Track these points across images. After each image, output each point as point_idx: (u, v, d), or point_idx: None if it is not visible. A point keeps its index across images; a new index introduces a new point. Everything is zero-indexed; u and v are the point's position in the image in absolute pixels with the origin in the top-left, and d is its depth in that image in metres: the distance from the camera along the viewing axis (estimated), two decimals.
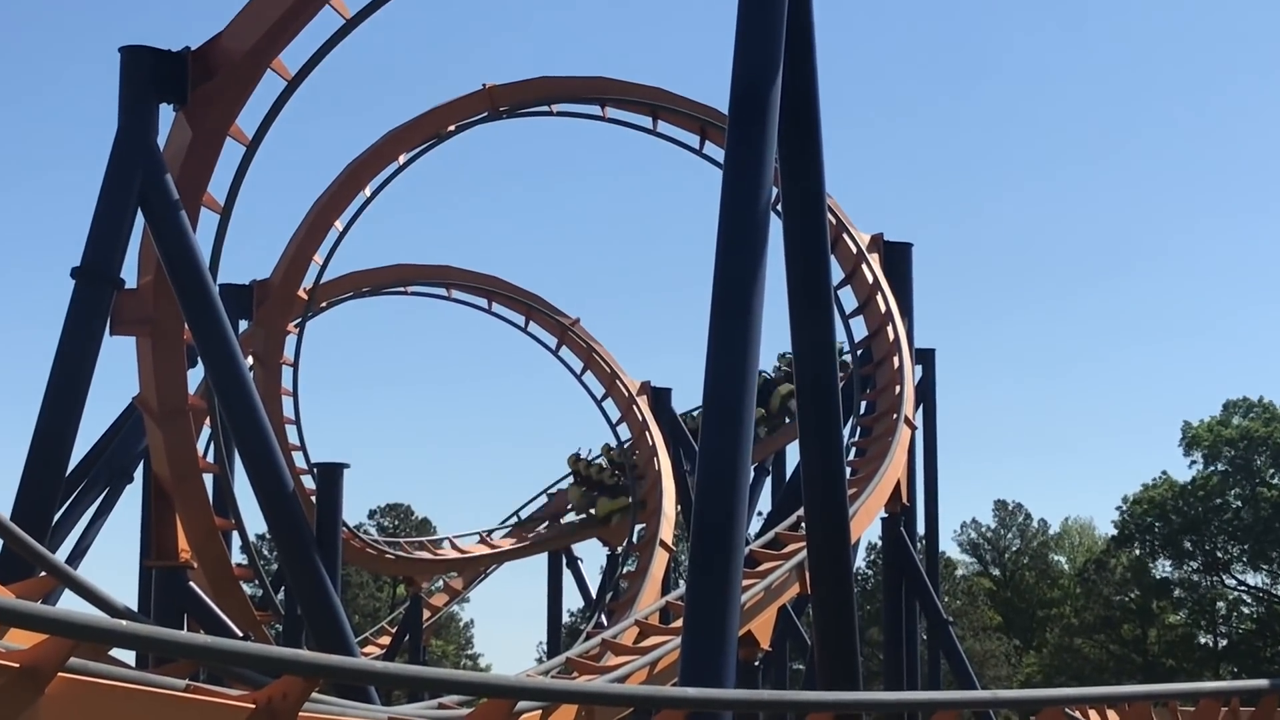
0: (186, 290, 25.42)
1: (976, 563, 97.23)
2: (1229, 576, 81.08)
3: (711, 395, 18.13)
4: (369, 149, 38.84)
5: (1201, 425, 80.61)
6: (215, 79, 25.87)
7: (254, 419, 25.99)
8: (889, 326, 38.13)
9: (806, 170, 21.88)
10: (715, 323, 18.10)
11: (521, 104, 39.76)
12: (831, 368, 22.89)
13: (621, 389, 50.01)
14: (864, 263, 39.21)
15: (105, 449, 38.65)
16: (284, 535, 27.04)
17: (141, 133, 25.37)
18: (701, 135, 40.20)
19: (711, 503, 17.67)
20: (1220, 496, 78.96)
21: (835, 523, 22.63)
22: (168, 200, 25.32)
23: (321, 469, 33.64)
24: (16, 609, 8.73)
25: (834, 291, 28.99)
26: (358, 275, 46.45)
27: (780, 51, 19.46)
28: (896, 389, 36.34)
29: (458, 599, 66.01)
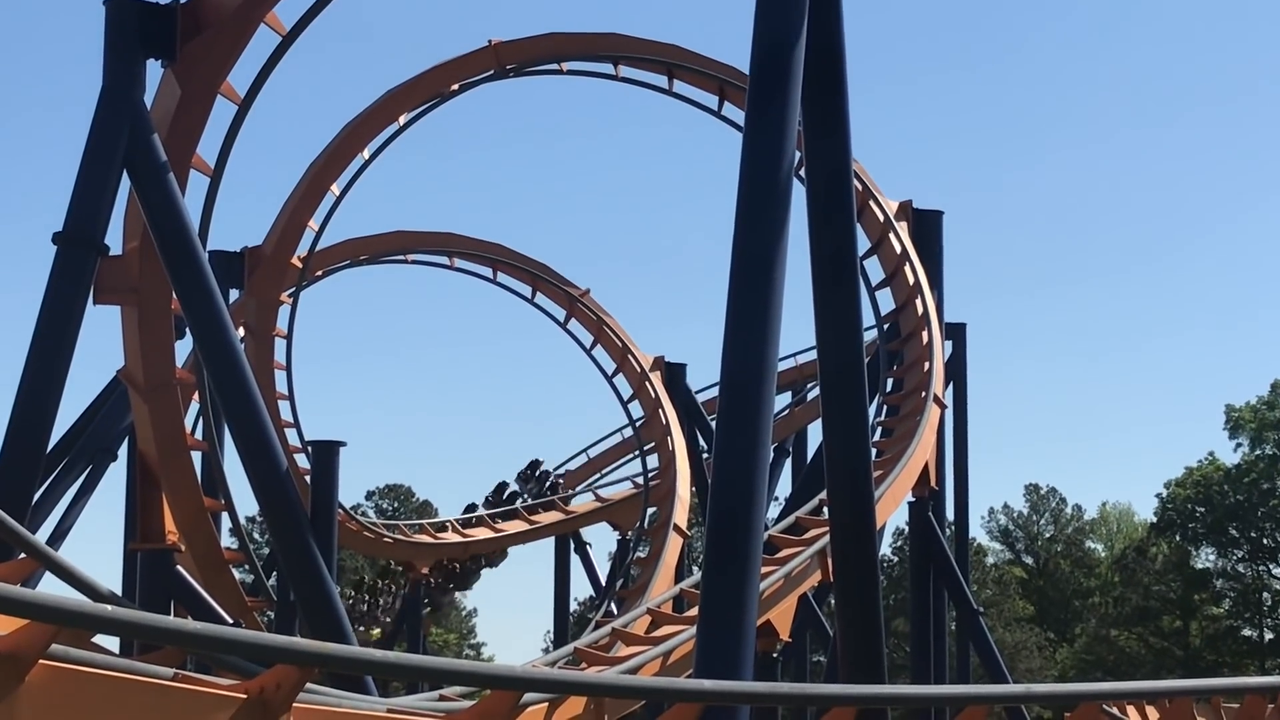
0: (174, 257, 25.45)
1: (1008, 550, 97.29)
2: (1276, 566, 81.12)
3: (730, 372, 18.16)
4: (367, 109, 38.85)
5: (1246, 407, 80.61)
6: (206, 33, 25.86)
7: (245, 394, 26.03)
8: (918, 299, 38.10)
9: (831, 134, 21.88)
10: (734, 295, 18.11)
11: (529, 62, 39.74)
12: (857, 343, 22.92)
13: (633, 364, 50.01)
14: (892, 232, 39.18)
15: (88, 425, 38.71)
16: (277, 517, 27.10)
17: (127, 90, 25.36)
18: (720, 96, 40.16)
19: (729, 485, 17.70)
20: (1267, 481, 79.02)
21: (860, 507, 22.66)
22: (155, 162, 25.32)
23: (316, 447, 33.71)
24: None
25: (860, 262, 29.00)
26: (355, 242, 46.45)
27: (805, 7, 19.45)
28: (925, 366, 36.33)
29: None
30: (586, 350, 50.86)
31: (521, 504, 47.29)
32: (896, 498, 33.04)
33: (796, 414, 51.56)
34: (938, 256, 39.81)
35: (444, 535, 55.26)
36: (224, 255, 36.96)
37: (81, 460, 38.95)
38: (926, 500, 36.67)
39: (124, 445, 36.36)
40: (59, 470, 37.77)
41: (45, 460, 28.04)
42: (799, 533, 30.61)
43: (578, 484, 57.94)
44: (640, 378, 49.77)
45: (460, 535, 54.98)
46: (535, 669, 18.53)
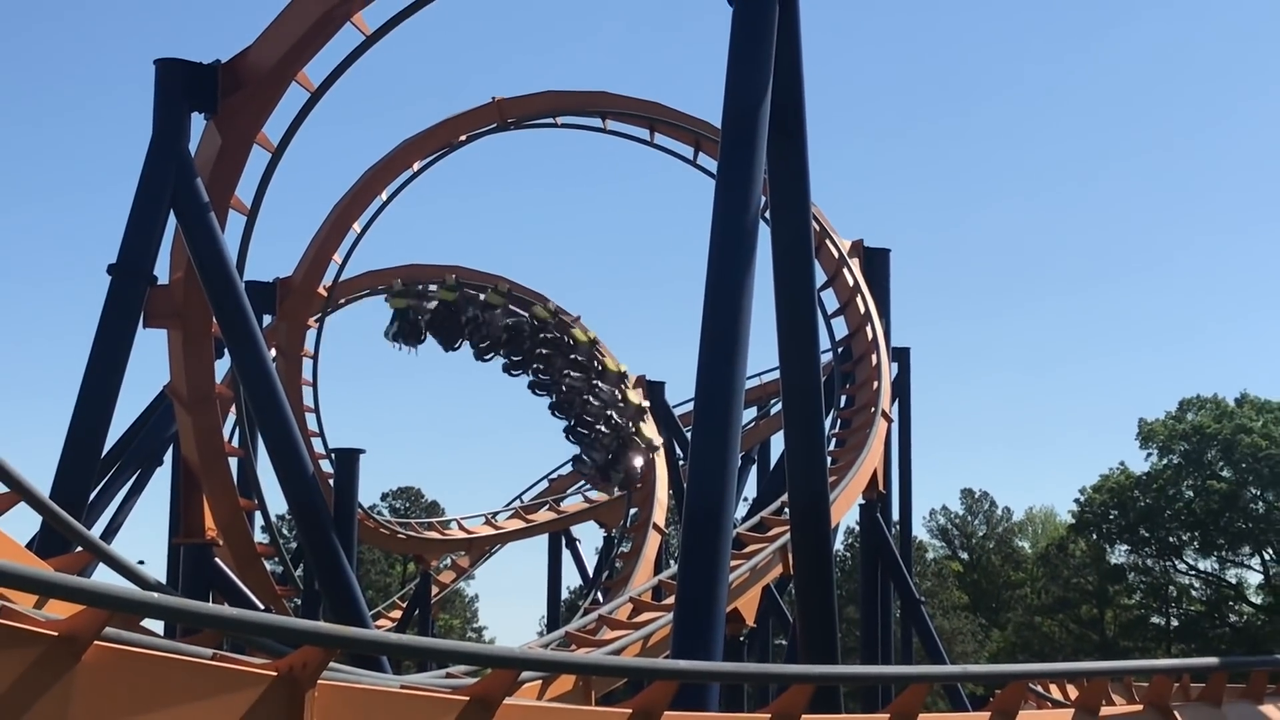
0: (215, 286, 25.44)
1: (946, 547, 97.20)
2: (1180, 562, 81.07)
3: (703, 388, 18.14)
4: (385, 156, 38.85)
5: (1157, 421, 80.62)
6: (243, 90, 25.88)
7: (276, 407, 26.01)
8: (868, 326, 38.13)
9: (793, 181, 21.89)
10: (707, 321, 18.10)
11: (528, 116, 39.78)
12: (815, 364, 22.90)
13: None
14: (845, 267, 39.19)
15: (137, 434, 38.64)
16: (303, 515, 27.07)
17: (174, 139, 25.39)
18: (696, 147, 40.18)
19: (702, 489, 17.68)
20: (1173, 487, 78.90)
21: (816, 508, 22.63)
22: (198, 202, 25.34)
23: (339, 454, 33.67)
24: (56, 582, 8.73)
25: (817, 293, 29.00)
26: (373, 274, 46.42)
27: (770, 71, 19.48)
28: (874, 385, 36.33)
29: (464, 576, 66.05)
30: None
31: None
32: (849, 500, 33.00)
33: (762, 426, 51.48)
34: (885, 289, 39.81)
35: (450, 532, 55.13)
36: (259, 285, 36.87)
37: (131, 465, 38.84)
38: (875, 503, 36.62)
39: (169, 452, 36.30)
40: (112, 474, 37.65)
41: (100, 465, 28.00)
42: (763, 531, 30.58)
43: (569, 488, 57.77)
44: None
45: (465, 532, 54.82)
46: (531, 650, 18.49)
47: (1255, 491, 77.52)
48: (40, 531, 21.62)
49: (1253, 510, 77.74)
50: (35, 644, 8.78)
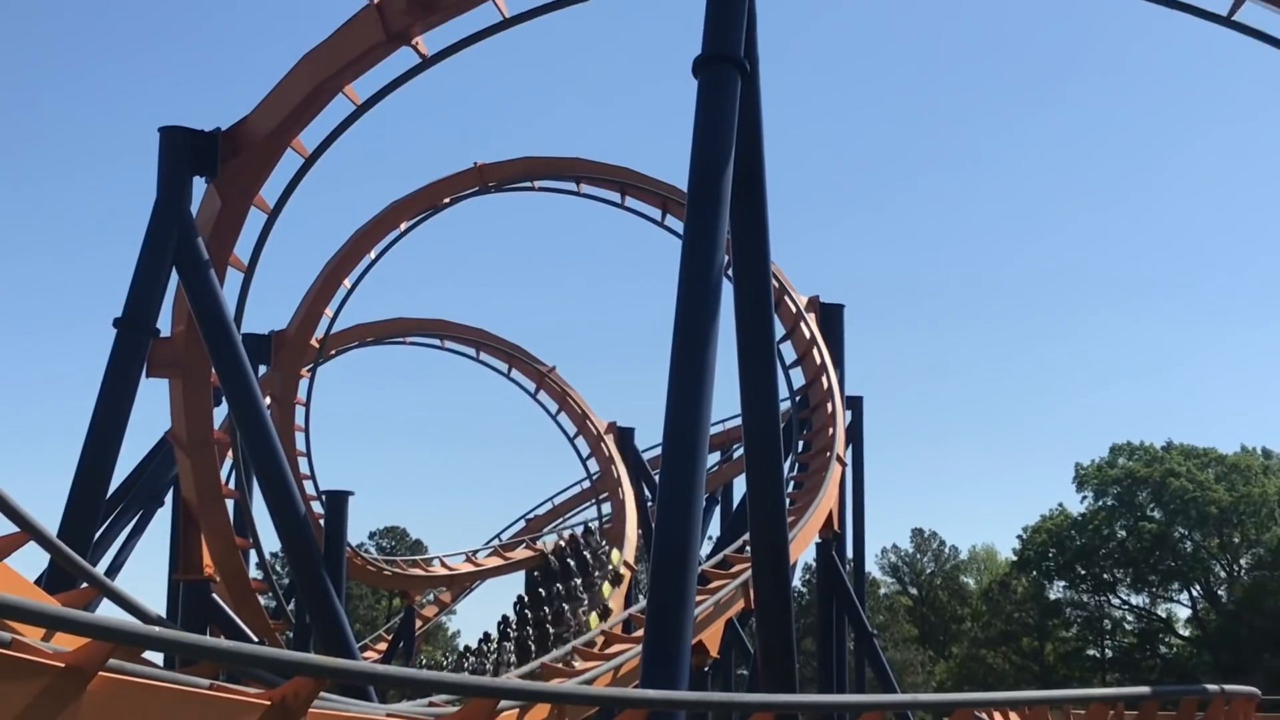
0: (214, 339, 25.35)
1: (896, 583, 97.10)
2: (1114, 597, 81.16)
3: (670, 434, 18.10)
4: (374, 217, 38.86)
5: (1091, 466, 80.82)
6: (242, 155, 25.88)
7: (271, 451, 25.88)
8: (823, 376, 38.15)
9: (754, 241, 21.95)
10: (674, 370, 18.07)
11: (508, 180, 39.82)
12: (774, 412, 22.92)
13: (591, 428, 49.97)
14: (802, 321, 39.26)
15: (140, 476, 38.48)
16: (296, 553, 26.90)
17: (177, 201, 25.33)
18: (663, 209, 40.28)
19: (669, 528, 17.60)
20: (1107, 528, 79.10)
21: (776, 547, 22.60)
22: (199, 260, 25.27)
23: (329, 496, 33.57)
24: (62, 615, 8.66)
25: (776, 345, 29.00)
26: (363, 327, 46.38)
27: (732, 138, 19.50)
28: (829, 431, 36.33)
29: (446, 610, 65.75)
30: (552, 416, 50.83)
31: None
32: (806, 539, 32.95)
33: (725, 469, 51.48)
34: (839, 341, 39.87)
35: (433, 569, 54.93)
36: (255, 337, 36.82)
37: (134, 505, 38.70)
38: (830, 541, 36.57)
39: (169, 493, 36.13)
40: (116, 513, 37.52)
41: (105, 505, 27.84)
42: (726, 567, 30.50)
43: (544, 526, 57.64)
44: (596, 439, 49.72)
45: (447, 569, 54.61)
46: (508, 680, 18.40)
47: (1183, 531, 77.73)
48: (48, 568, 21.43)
49: (1181, 549, 77.94)
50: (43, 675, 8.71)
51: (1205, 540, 77.39)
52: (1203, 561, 77.96)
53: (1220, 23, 24.15)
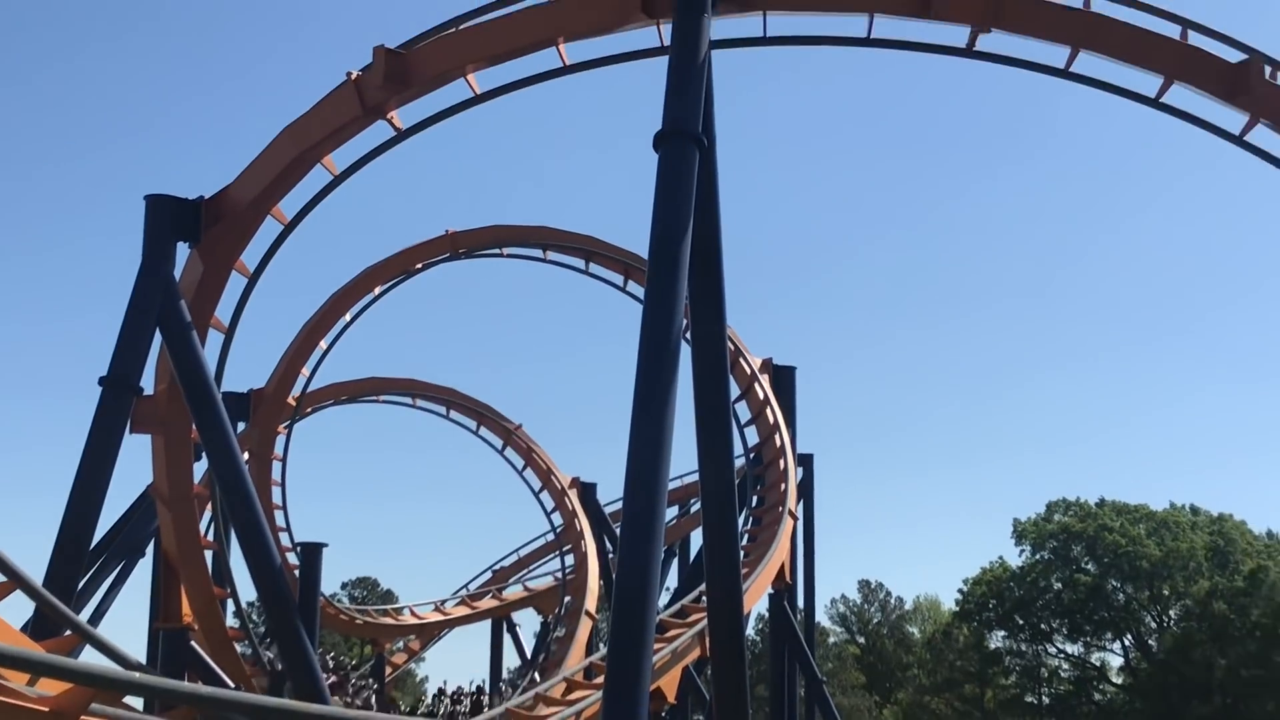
0: (195, 397, 25.24)
1: (845, 632, 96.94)
2: (1051, 646, 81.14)
3: (630, 489, 18.06)
4: (350, 281, 38.80)
5: (1029, 521, 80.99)
6: (223, 223, 25.83)
7: (248, 505, 25.74)
8: (776, 435, 38.19)
9: (710, 306, 21.99)
10: (635, 429, 18.04)
11: (477, 247, 39.85)
12: (729, 468, 22.91)
13: (555, 483, 49.84)
14: (757, 382, 39.33)
15: (123, 528, 38.20)
16: (271, 603, 26.69)
17: (161, 266, 25.27)
18: (625, 276, 40.33)
19: (629, 579, 17.54)
20: (1044, 580, 79.17)
21: (730, 597, 22.55)
22: (182, 323, 25.18)
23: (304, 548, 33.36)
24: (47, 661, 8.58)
25: (732, 405, 29.02)
26: (338, 385, 46.23)
27: (690, 210, 19.54)
28: (782, 486, 36.34)
29: (415, 658, 65.34)
30: (519, 472, 50.65)
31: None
32: (760, 590, 32.91)
33: (683, 523, 51.39)
34: (791, 401, 39.95)
35: (403, 618, 54.66)
36: (234, 395, 36.68)
37: (117, 556, 38.40)
38: (782, 592, 36.53)
39: (151, 545, 35.86)
40: (99, 564, 37.19)
41: (88, 556, 27.61)
42: (683, 617, 30.40)
43: (510, 578, 57.43)
44: (560, 494, 49.59)
45: (416, 618, 54.36)
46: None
47: (1116, 584, 77.88)
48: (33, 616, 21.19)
49: (1114, 601, 78.06)
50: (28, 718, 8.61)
51: (1136, 592, 77.54)
52: (1134, 613, 78.08)
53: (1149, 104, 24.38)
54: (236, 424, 35.09)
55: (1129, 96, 24.44)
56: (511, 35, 23.64)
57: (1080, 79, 24.24)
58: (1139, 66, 23.95)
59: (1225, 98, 23.98)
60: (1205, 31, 23.85)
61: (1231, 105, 24.12)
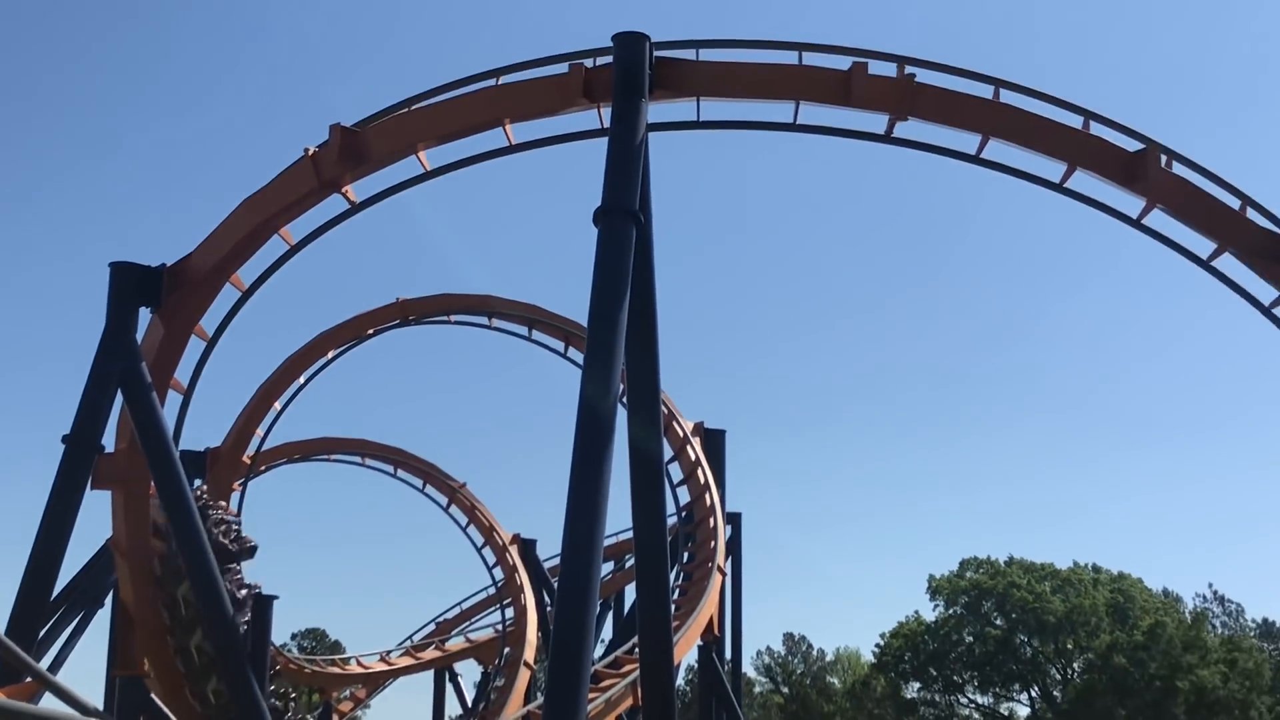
0: (154, 455, 25.02)
1: (770, 682, 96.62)
2: (963, 696, 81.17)
3: (568, 546, 17.98)
4: (305, 345, 38.60)
5: (942, 578, 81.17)
6: (184, 290, 25.68)
7: (203, 559, 25.44)
8: (707, 494, 38.17)
9: (645, 372, 22.03)
10: (573, 489, 17.99)
11: (426, 314, 39.77)
12: (662, 526, 22.87)
13: (497, 539, 49.57)
14: (688, 444, 39.32)
15: (83, 579, 37.67)
16: (223, 652, 26.34)
17: (123, 330, 25.09)
18: (566, 342, 40.29)
19: (566, 632, 17.44)
20: (956, 634, 79.28)
21: (662, 649, 22.47)
22: (143, 384, 24.97)
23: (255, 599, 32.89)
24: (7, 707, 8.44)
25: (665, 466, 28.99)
26: (291, 445, 45.85)
27: (627, 282, 19.59)
28: (711, 544, 36.31)
29: (361, 706, 64.56)
30: (463, 528, 50.30)
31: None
32: (689, 642, 32.81)
33: (618, 578, 51.16)
34: (721, 463, 39.95)
35: (349, 667, 54.10)
36: (192, 453, 36.28)
37: (77, 606, 37.84)
38: (711, 644, 36.36)
39: (109, 596, 35.36)
40: (60, 613, 36.66)
41: (49, 605, 27.22)
42: (617, 668, 30.30)
43: (453, 629, 56.98)
44: (502, 549, 49.31)
45: (362, 668, 53.81)
46: None
47: (1023, 638, 78.09)
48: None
49: (1021, 654, 78.26)
50: None
51: (1043, 646, 77.77)
52: (1040, 665, 78.28)
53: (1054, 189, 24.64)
54: (193, 480, 34.71)
55: (1036, 181, 24.70)
56: (460, 116, 23.72)
57: (990, 165, 24.51)
58: (1044, 154, 24.24)
59: (1124, 184, 24.29)
60: (1105, 122, 24.18)
61: (1130, 191, 24.45)
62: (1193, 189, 24.25)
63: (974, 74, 23.84)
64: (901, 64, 23.41)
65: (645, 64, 21.58)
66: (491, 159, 24.30)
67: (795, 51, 23.20)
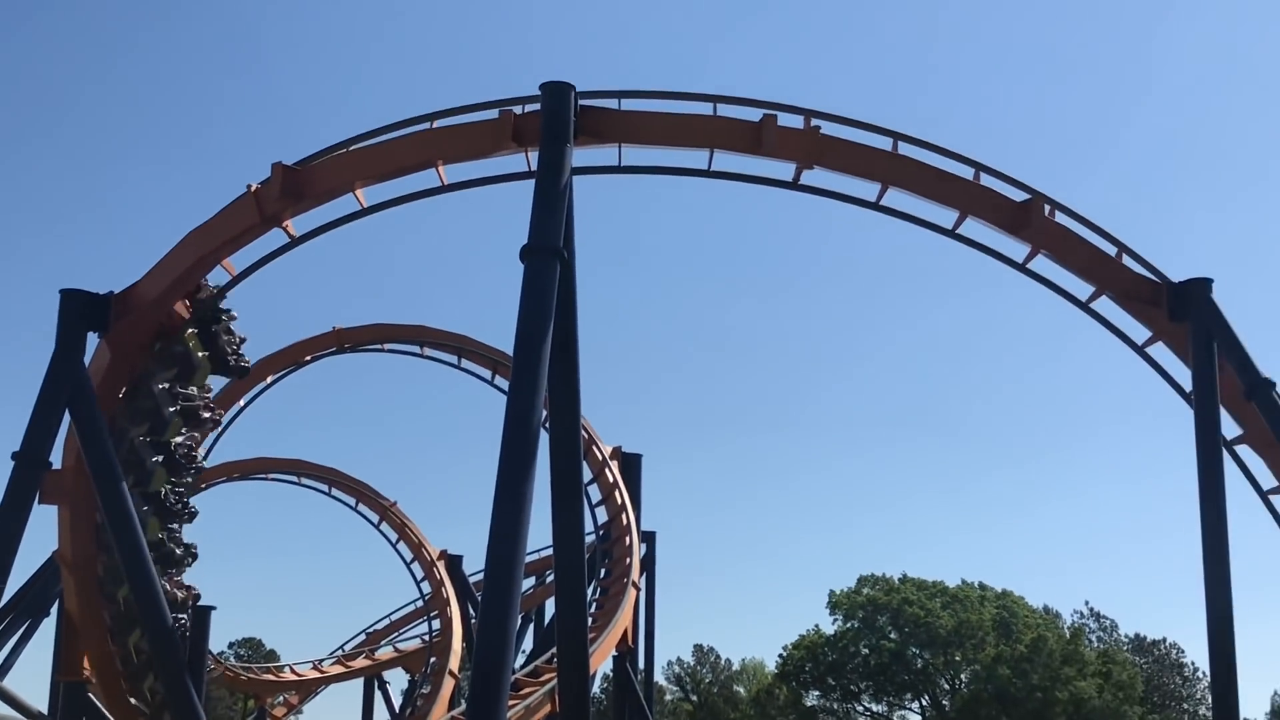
0: (99, 472, 24.70)
1: (680, 691, 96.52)
2: (859, 704, 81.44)
3: (491, 562, 17.98)
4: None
5: (841, 593, 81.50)
6: (131, 316, 25.44)
7: (144, 571, 25.15)
8: (623, 514, 38.23)
9: (567, 399, 22.08)
10: (497, 508, 18.00)
11: (361, 342, 39.55)
12: (580, 544, 22.90)
13: (425, 555, 49.29)
14: (607, 467, 39.38)
15: (30, 589, 37.14)
16: (163, 659, 26.03)
17: (72, 353, 24.83)
18: (493, 371, 40.20)
19: (489, 643, 17.44)
20: (854, 646, 79.59)
21: (579, 659, 22.46)
22: (90, 404, 24.70)
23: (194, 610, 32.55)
24: None
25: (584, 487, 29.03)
26: (230, 464, 45.35)
27: (551, 315, 19.68)
28: (627, 560, 36.36)
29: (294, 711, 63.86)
30: (393, 544, 49.94)
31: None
32: (605, 652, 32.81)
33: (538, 592, 51.00)
34: (637, 484, 40.03)
35: (283, 675, 53.57)
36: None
37: (24, 615, 37.29)
38: (625, 655, 36.40)
39: (55, 605, 34.85)
40: (7, 622, 36.11)
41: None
42: (537, 676, 30.23)
43: (382, 639, 56.56)
44: (430, 564, 49.03)
45: (295, 675, 53.28)
46: None
47: (915, 650, 78.56)
48: None
49: (913, 665, 78.73)
50: None
51: (933, 658, 78.26)
52: (930, 676, 78.78)
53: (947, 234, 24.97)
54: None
55: (930, 228, 25.05)
56: (396, 157, 23.73)
57: (889, 211, 24.83)
58: (939, 202, 24.60)
59: (1011, 231, 24.70)
60: (994, 173, 24.59)
61: (1016, 238, 24.85)
62: (1073, 237, 24.71)
63: (875, 127, 24.19)
64: (808, 116, 23.71)
65: (570, 112, 21.71)
66: (425, 198, 24.33)
67: (711, 103, 23.44)
